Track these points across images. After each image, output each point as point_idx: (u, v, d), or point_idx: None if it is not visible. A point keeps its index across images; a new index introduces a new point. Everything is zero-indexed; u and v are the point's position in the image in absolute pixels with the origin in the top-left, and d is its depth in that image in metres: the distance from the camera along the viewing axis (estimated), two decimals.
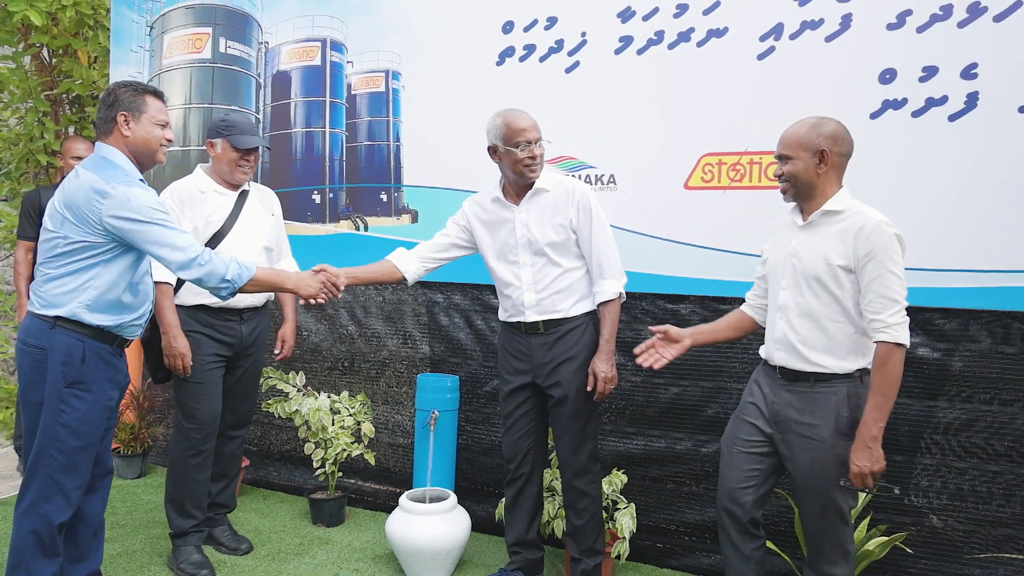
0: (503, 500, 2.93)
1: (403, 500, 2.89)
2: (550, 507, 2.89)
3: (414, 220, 3.43)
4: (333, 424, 3.35)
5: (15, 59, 4.11)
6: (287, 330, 3.14)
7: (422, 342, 3.50)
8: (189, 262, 2.17)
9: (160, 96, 2.33)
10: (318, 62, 3.59)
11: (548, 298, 2.56)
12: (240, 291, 2.29)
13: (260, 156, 3.14)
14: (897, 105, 2.62)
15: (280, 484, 3.78)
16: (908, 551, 2.62)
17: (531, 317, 2.60)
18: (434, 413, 3.13)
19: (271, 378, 3.44)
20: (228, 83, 3.77)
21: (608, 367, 2.56)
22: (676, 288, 2.89)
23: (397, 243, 3.44)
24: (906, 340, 1.94)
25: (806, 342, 2.05)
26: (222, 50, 3.78)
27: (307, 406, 3.33)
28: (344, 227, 3.59)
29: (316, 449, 3.35)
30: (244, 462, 3.68)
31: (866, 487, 1.97)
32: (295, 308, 3.17)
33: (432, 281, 3.42)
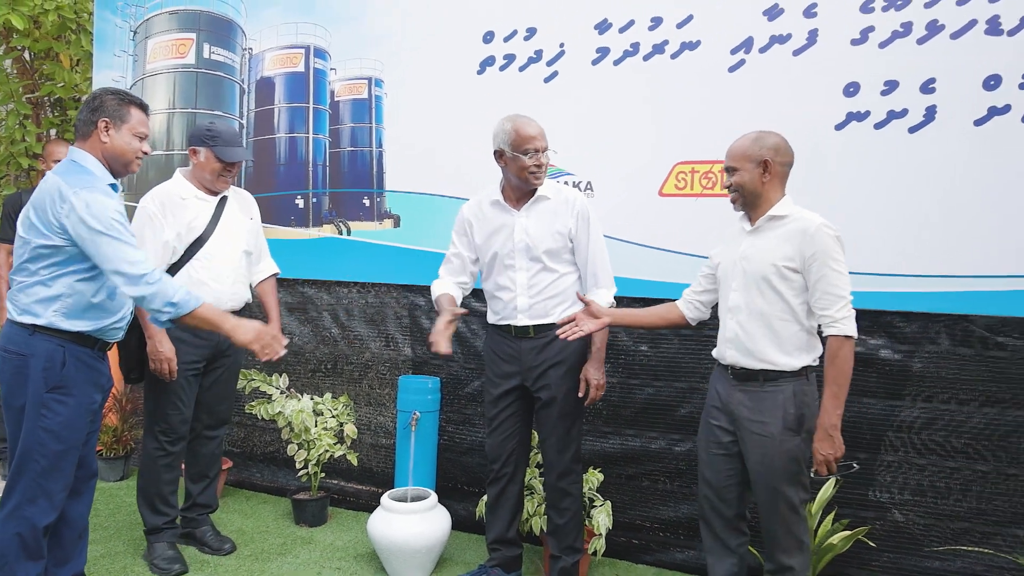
0: (483, 498, 3.00)
1: (385, 499, 2.95)
2: (529, 505, 2.96)
3: (396, 225, 3.50)
4: (316, 426, 3.40)
5: None
6: (273, 329, 3.14)
7: (404, 344, 3.56)
8: (138, 278, 2.13)
9: (145, 109, 2.34)
10: (302, 68, 3.65)
11: (541, 303, 2.63)
12: (179, 321, 2.22)
13: (243, 165, 3.17)
14: (860, 117, 2.73)
15: (263, 485, 3.82)
16: (871, 545, 2.73)
17: (522, 321, 2.65)
18: (416, 414, 3.20)
19: (254, 380, 3.48)
20: (212, 88, 3.82)
21: (600, 374, 2.66)
22: (649, 292, 2.98)
23: (379, 247, 3.53)
24: (854, 332, 2.09)
25: (756, 340, 2.18)
26: (206, 56, 3.82)
27: (290, 408, 3.38)
28: (327, 231, 3.65)
29: (299, 450, 3.40)
30: (226, 463, 3.72)
31: (831, 473, 2.10)
32: (278, 307, 3.19)
33: (414, 284, 3.49)
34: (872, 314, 2.75)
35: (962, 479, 2.68)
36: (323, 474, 3.50)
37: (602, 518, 2.84)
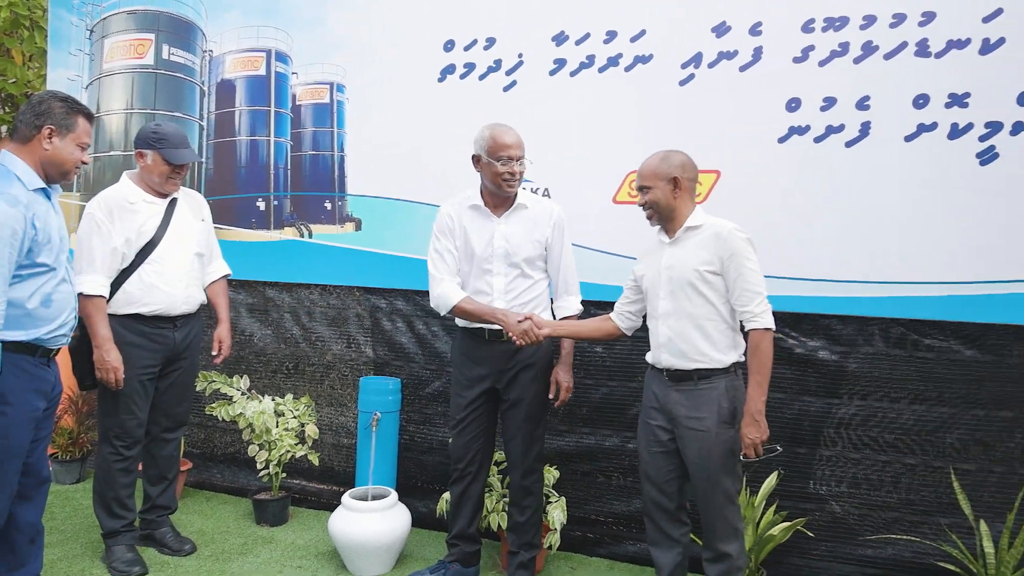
0: (444, 496, 3.09)
1: (346, 498, 3.01)
2: (488, 502, 3.05)
3: (358, 228, 3.55)
4: (277, 426, 3.43)
5: None
6: (222, 331, 3.12)
7: (366, 346, 3.62)
8: None
9: (91, 118, 2.32)
10: (263, 72, 3.67)
11: (517, 308, 2.70)
12: None
13: (204, 167, 3.18)
14: (801, 131, 2.89)
15: (223, 486, 3.83)
16: (810, 535, 2.89)
17: (497, 325, 2.71)
18: (376, 415, 3.26)
19: (215, 382, 3.49)
20: (171, 90, 3.80)
21: (569, 377, 2.79)
22: (604, 295, 3.09)
23: (341, 250, 3.57)
24: (772, 324, 2.28)
25: (689, 341, 2.33)
26: (165, 57, 3.81)
27: (252, 409, 3.40)
28: (289, 234, 3.68)
29: (260, 451, 3.42)
30: (186, 465, 3.72)
31: (758, 456, 2.27)
32: (228, 308, 3.19)
33: (375, 287, 3.55)
34: (811, 317, 2.92)
35: (893, 472, 2.86)
36: (284, 474, 3.54)
37: (557, 513, 2.95)
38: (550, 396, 2.78)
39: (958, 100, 2.70)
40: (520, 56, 3.25)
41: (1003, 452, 2.73)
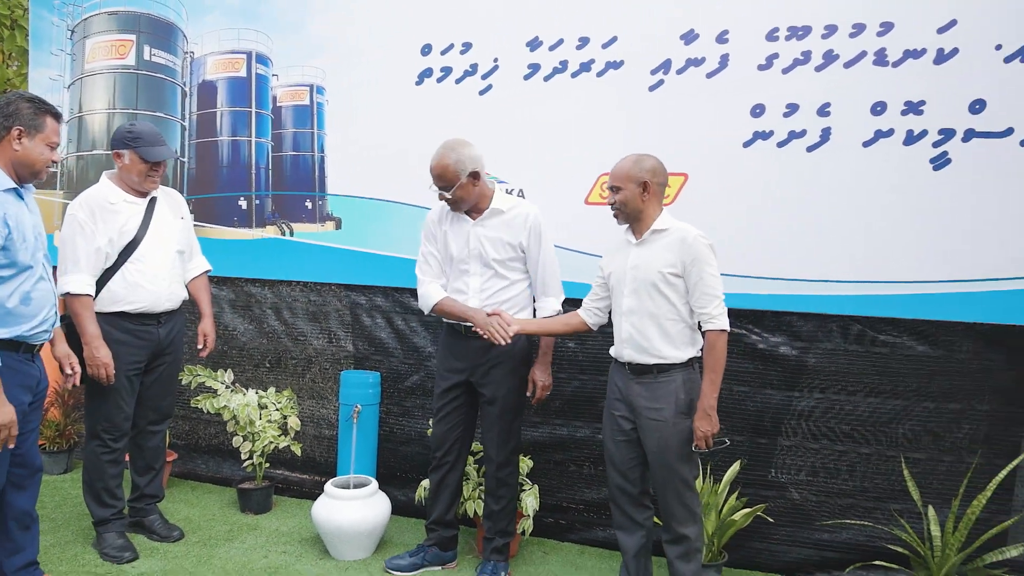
0: (422, 484, 3.21)
1: (328, 487, 3.13)
2: (465, 490, 3.16)
3: (338, 227, 3.63)
4: (261, 418, 3.53)
5: None
6: (206, 325, 3.20)
7: (346, 341, 3.72)
8: None
9: (58, 117, 2.37)
10: (244, 74, 3.73)
11: (491, 307, 2.79)
12: None
13: (186, 166, 3.24)
14: (765, 136, 3.00)
15: (208, 476, 3.93)
16: (770, 520, 3.04)
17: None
18: (357, 407, 3.37)
19: (200, 376, 3.59)
20: (153, 90, 3.86)
21: (547, 375, 2.92)
22: (575, 293, 3.17)
23: (322, 248, 3.66)
24: (727, 326, 2.42)
25: (649, 338, 2.46)
26: (147, 57, 3.85)
27: (236, 402, 3.50)
28: (270, 232, 3.76)
29: (244, 442, 3.53)
30: (171, 456, 3.82)
31: (708, 448, 2.41)
32: (210, 303, 3.26)
33: (355, 284, 3.65)
34: (773, 314, 3.05)
35: (848, 461, 3.01)
36: (268, 464, 3.64)
37: (530, 501, 3.08)
38: (527, 393, 2.90)
39: (914, 108, 2.82)
40: (495, 61, 3.34)
41: (951, 442, 2.89)
